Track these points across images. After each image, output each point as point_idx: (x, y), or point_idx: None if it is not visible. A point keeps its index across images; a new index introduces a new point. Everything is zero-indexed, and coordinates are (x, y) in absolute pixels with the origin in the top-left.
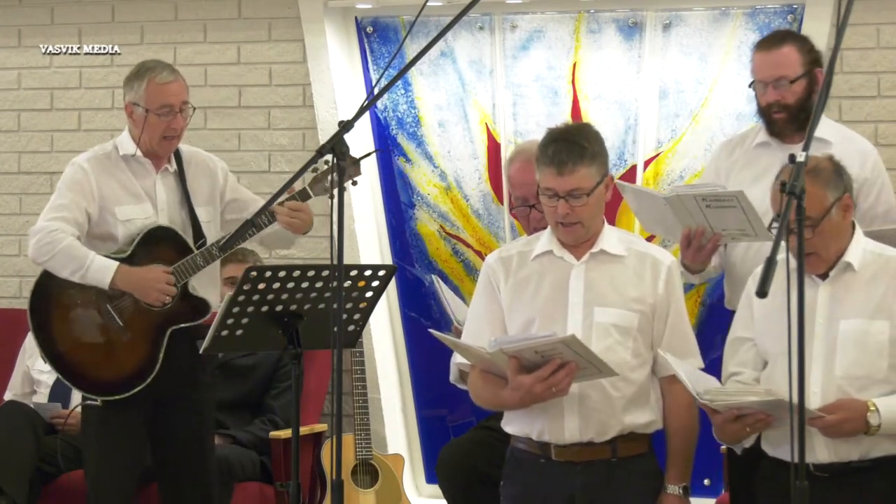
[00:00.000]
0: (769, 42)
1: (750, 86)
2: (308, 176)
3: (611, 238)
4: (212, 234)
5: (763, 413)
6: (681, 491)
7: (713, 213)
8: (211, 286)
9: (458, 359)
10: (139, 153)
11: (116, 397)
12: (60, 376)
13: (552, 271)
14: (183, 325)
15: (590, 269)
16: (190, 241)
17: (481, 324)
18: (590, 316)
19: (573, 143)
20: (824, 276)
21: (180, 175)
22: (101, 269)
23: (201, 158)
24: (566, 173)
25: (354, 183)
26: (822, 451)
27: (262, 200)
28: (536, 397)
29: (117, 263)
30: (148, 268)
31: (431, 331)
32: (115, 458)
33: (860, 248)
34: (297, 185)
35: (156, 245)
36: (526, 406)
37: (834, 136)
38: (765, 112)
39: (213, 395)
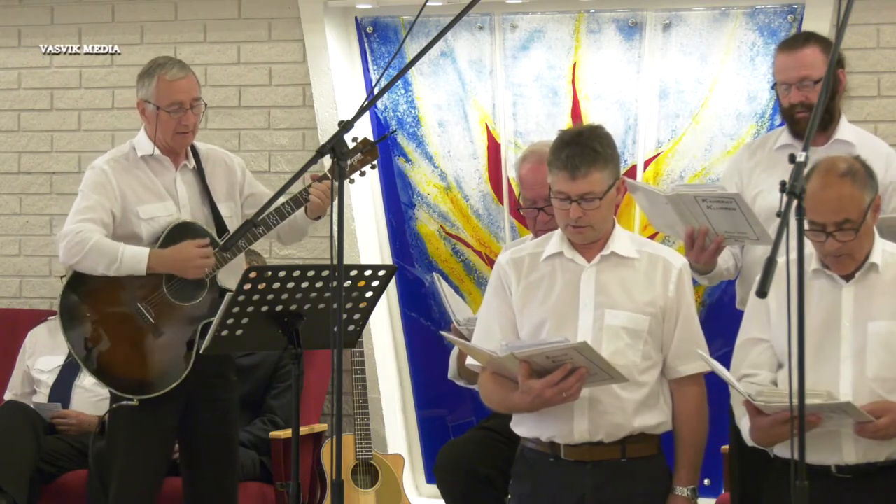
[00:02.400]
0: (792, 43)
1: (772, 87)
2: (328, 163)
3: (622, 240)
4: (234, 228)
5: (814, 415)
6: (689, 493)
7: (714, 213)
8: (236, 278)
9: (469, 360)
10: (157, 152)
11: (153, 395)
12: (94, 378)
13: (563, 273)
14: (213, 318)
15: (600, 271)
16: (215, 235)
17: (492, 325)
18: (600, 319)
19: (586, 147)
20: (848, 278)
21: (199, 171)
22: (134, 257)
23: (218, 155)
24: (579, 177)
25: (374, 166)
26: (850, 453)
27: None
28: (546, 402)
29: (148, 249)
30: (181, 245)
31: (443, 332)
32: (146, 458)
33: (880, 249)
34: (318, 172)
35: (181, 241)
36: (536, 410)
37: (856, 138)
38: (787, 113)
39: (238, 395)
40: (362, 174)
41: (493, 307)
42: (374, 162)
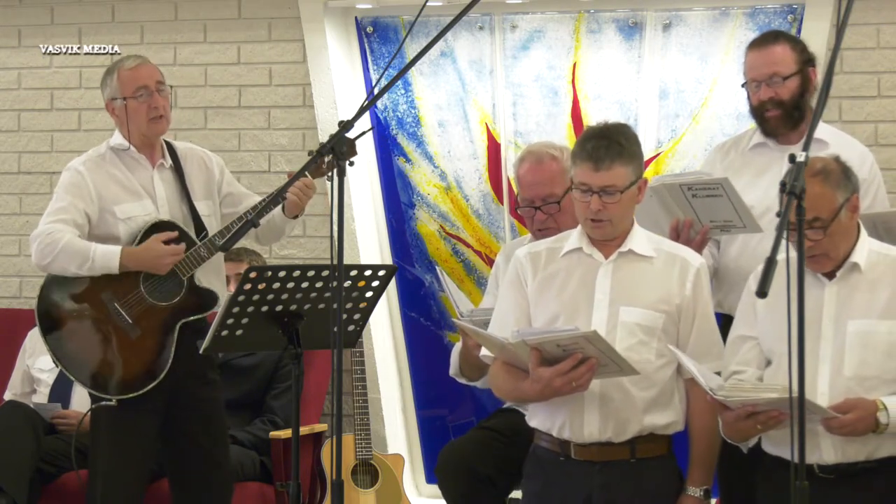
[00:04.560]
0: (762, 41)
1: (742, 86)
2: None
3: (640, 238)
4: (213, 227)
5: (776, 411)
6: (702, 494)
7: (700, 202)
8: (216, 277)
9: (483, 352)
10: (132, 148)
11: (131, 395)
12: (73, 378)
13: (580, 268)
14: (192, 317)
15: (617, 267)
16: (192, 234)
17: (507, 317)
18: (615, 315)
19: (612, 141)
20: (831, 276)
21: (177, 170)
22: (106, 256)
23: (196, 153)
24: (602, 169)
25: (351, 163)
26: (828, 451)
27: (255, 194)
28: (556, 391)
29: (119, 247)
30: (148, 242)
31: (455, 320)
32: (128, 459)
33: (866, 248)
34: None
35: None
36: (545, 399)
37: (830, 137)
38: (757, 111)
39: (222, 392)
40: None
41: (510, 299)
42: (352, 159)
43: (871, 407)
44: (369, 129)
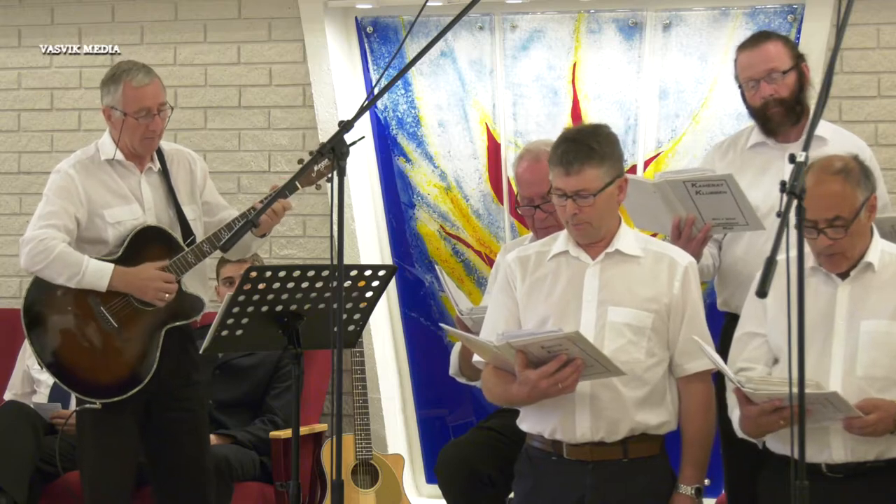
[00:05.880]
0: (753, 41)
1: (738, 87)
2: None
3: (627, 238)
4: (199, 231)
5: None
6: (693, 492)
7: (703, 199)
8: (201, 284)
9: (475, 358)
10: (120, 156)
11: (116, 399)
12: (58, 381)
13: (567, 270)
14: (177, 323)
15: (605, 268)
16: (179, 239)
17: (497, 321)
18: (603, 315)
19: (582, 144)
20: (844, 276)
21: (164, 174)
22: (97, 273)
23: (183, 156)
24: (573, 173)
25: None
26: (838, 450)
27: (231, 207)
28: (543, 392)
29: (112, 266)
30: (142, 266)
31: (443, 325)
32: (113, 460)
33: (879, 249)
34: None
35: (146, 245)
36: (534, 401)
37: (829, 133)
38: (758, 111)
39: (205, 392)
40: (328, 180)
41: (500, 303)
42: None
43: (892, 408)
44: (361, 138)
